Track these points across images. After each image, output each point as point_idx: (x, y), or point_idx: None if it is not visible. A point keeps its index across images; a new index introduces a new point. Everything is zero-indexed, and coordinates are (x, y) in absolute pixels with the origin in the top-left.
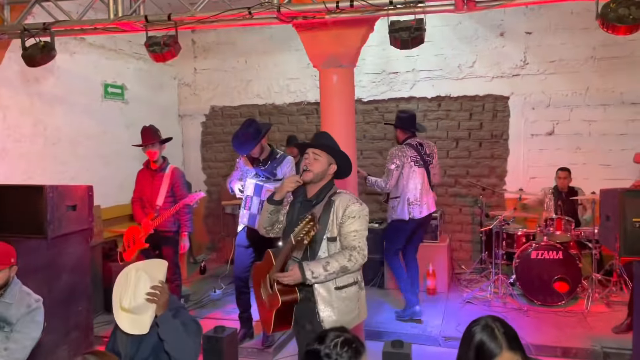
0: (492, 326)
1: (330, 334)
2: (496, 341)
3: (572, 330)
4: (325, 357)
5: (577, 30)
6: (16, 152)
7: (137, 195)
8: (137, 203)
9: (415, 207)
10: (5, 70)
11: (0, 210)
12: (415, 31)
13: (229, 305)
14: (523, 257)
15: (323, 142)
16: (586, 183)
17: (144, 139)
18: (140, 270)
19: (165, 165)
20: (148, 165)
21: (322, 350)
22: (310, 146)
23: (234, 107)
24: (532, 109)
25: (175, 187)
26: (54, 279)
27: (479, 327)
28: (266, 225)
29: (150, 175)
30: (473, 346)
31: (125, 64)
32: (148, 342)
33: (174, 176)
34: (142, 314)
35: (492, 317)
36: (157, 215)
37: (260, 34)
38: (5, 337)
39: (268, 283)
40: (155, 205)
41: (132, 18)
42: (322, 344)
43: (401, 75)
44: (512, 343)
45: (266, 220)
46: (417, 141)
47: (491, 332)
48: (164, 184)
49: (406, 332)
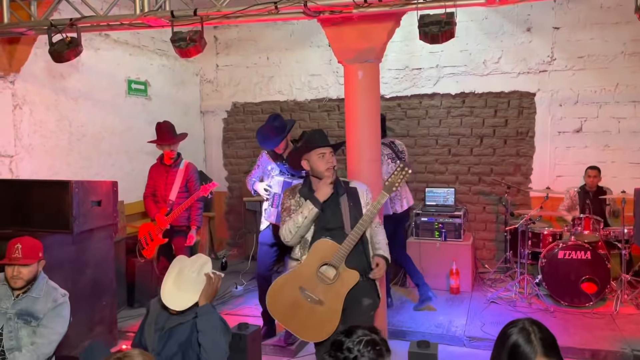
0: (529, 329)
1: (359, 331)
2: (531, 345)
3: (600, 332)
4: (346, 350)
5: (608, 25)
6: (42, 147)
7: (150, 191)
8: (150, 198)
9: (397, 201)
10: (31, 66)
11: (26, 206)
12: (446, 25)
13: (250, 302)
14: (550, 257)
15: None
16: (615, 182)
17: (161, 138)
18: (209, 261)
19: (180, 160)
20: (162, 160)
21: (346, 343)
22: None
23: (256, 104)
24: (560, 105)
25: (189, 182)
26: (79, 274)
27: (515, 329)
28: (304, 233)
29: (165, 171)
30: (507, 348)
31: (148, 61)
32: (176, 339)
33: (189, 171)
34: (188, 292)
35: (530, 320)
36: (171, 210)
37: (282, 30)
38: (32, 331)
39: (331, 269)
40: (169, 200)
41: (158, 13)
42: (349, 338)
43: (425, 72)
44: (548, 350)
45: (307, 228)
46: (389, 140)
47: (527, 335)
48: (178, 179)
49: (430, 331)
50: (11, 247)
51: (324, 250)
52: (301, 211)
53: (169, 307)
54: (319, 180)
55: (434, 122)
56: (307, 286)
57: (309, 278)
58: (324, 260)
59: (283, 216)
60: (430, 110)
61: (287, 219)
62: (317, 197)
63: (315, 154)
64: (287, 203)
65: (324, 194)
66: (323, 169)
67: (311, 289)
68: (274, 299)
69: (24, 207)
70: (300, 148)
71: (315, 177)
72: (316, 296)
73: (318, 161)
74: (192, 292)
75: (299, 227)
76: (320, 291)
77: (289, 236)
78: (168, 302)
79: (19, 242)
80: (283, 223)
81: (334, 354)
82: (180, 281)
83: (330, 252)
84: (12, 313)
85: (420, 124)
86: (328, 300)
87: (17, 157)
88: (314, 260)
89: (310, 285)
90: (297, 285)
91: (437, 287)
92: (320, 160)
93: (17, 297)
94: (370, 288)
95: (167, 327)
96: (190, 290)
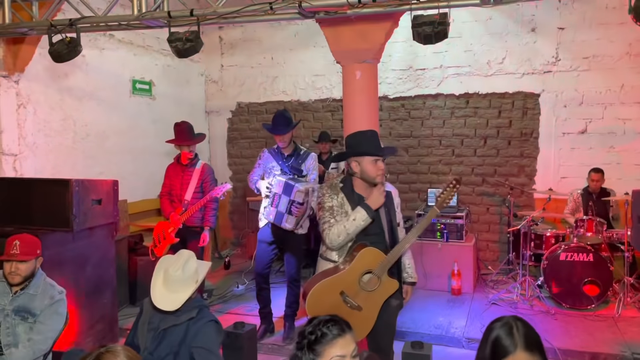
0: (511, 324)
1: (319, 318)
2: (512, 338)
3: (601, 335)
4: (309, 334)
5: (613, 26)
6: (46, 146)
7: (166, 190)
8: (166, 197)
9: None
10: (36, 66)
11: (27, 204)
12: (439, 25)
13: (251, 301)
14: (552, 259)
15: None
16: (620, 183)
17: (180, 139)
18: (192, 256)
19: (196, 160)
20: (179, 159)
21: (307, 329)
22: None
23: (260, 104)
24: (564, 106)
25: (205, 182)
26: (79, 272)
27: (499, 323)
28: (349, 240)
29: (181, 170)
30: (490, 341)
31: (153, 61)
32: (169, 340)
33: (204, 172)
34: (177, 292)
35: (515, 317)
36: (185, 210)
37: (286, 30)
38: (29, 327)
39: (374, 278)
40: (184, 200)
41: (155, 14)
42: (309, 324)
43: (428, 72)
44: (530, 344)
45: (354, 236)
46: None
47: (509, 329)
48: (194, 179)
49: (429, 332)
50: (10, 244)
51: (370, 259)
52: (353, 218)
53: (161, 308)
54: (364, 183)
55: (438, 123)
56: (349, 292)
57: (352, 284)
58: (368, 268)
59: (325, 216)
60: (434, 110)
61: (332, 220)
62: (370, 204)
63: (368, 158)
64: (330, 202)
65: (378, 203)
66: (374, 174)
67: (352, 295)
68: (315, 300)
69: (25, 205)
70: (356, 152)
71: (362, 179)
72: (356, 302)
73: (370, 165)
74: (181, 291)
75: (349, 234)
76: (361, 298)
77: (336, 241)
78: (159, 303)
79: (18, 239)
80: (326, 223)
81: (300, 340)
82: (167, 282)
83: (375, 262)
84: (10, 309)
85: (424, 125)
86: (367, 307)
87: (21, 155)
88: (359, 267)
89: (351, 291)
90: (339, 289)
91: (439, 288)
92: (372, 165)
93: (15, 294)
94: (397, 289)
95: (161, 328)
96: (178, 289)
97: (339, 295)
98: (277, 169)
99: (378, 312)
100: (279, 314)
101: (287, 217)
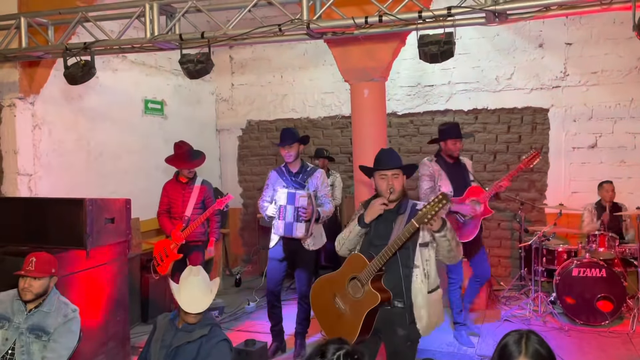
0: (522, 334)
1: (331, 348)
2: (518, 346)
3: (616, 352)
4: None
5: (621, 40)
6: (61, 166)
7: (164, 208)
8: (165, 215)
9: None
10: (51, 88)
11: (42, 223)
12: (445, 45)
13: (262, 318)
14: (564, 274)
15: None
16: (631, 198)
17: (180, 162)
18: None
19: (195, 177)
20: (177, 177)
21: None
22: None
23: (270, 122)
24: (574, 121)
25: (207, 199)
26: (92, 290)
27: (513, 332)
28: (351, 247)
29: (182, 188)
30: (499, 347)
31: (165, 81)
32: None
33: (206, 190)
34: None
35: (530, 330)
36: (187, 226)
37: (295, 49)
38: (43, 346)
39: (358, 284)
40: (184, 216)
41: (167, 37)
42: (324, 358)
43: (437, 88)
44: (536, 355)
45: (353, 242)
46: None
47: (519, 337)
48: (194, 195)
49: (441, 349)
50: (27, 261)
51: (355, 264)
52: (352, 227)
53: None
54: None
55: None
56: (339, 294)
57: (341, 287)
58: (353, 274)
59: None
60: None
61: (344, 229)
62: (366, 214)
63: (377, 174)
64: (354, 215)
65: (371, 214)
66: (382, 189)
67: (341, 298)
68: (316, 294)
69: (40, 224)
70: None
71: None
72: (343, 305)
73: (379, 181)
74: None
75: (344, 239)
76: (347, 302)
77: (337, 246)
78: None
79: (35, 256)
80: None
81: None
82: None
83: (359, 268)
84: (24, 328)
85: None
86: (351, 313)
87: (35, 175)
88: (346, 271)
89: (340, 293)
90: (332, 290)
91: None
92: (381, 180)
93: (30, 312)
94: (401, 317)
95: (174, 345)
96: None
97: (332, 295)
98: (282, 185)
99: (361, 321)
100: (290, 331)
101: (296, 225)
